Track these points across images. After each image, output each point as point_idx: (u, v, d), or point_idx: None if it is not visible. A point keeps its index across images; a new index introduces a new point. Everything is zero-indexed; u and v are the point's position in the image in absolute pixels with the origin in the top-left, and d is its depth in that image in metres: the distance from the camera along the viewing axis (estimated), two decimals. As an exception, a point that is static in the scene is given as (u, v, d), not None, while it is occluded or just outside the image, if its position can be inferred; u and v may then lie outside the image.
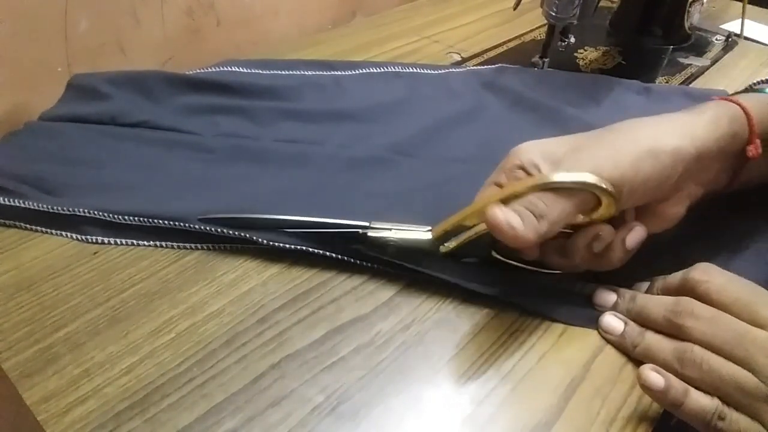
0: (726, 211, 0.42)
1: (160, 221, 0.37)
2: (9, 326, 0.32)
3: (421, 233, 0.35)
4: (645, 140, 0.32)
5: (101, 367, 0.30)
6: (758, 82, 0.41)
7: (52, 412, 0.28)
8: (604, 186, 0.30)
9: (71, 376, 0.30)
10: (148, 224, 0.38)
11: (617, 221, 0.34)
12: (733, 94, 0.39)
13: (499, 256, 0.36)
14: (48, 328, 0.32)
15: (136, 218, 0.38)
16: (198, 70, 0.54)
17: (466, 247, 0.35)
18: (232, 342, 0.32)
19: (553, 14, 0.56)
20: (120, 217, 0.38)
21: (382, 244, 0.36)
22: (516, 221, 0.29)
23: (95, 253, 0.37)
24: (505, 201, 0.31)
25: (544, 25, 0.59)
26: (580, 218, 0.33)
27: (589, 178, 0.30)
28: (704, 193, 0.37)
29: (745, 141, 0.35)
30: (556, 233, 0.31)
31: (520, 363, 0.32)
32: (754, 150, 0.35)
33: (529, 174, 0.33)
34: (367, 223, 0.36)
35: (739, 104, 0.36)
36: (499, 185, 0.34)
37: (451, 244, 0.35)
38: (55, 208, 0.38)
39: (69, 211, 0.38)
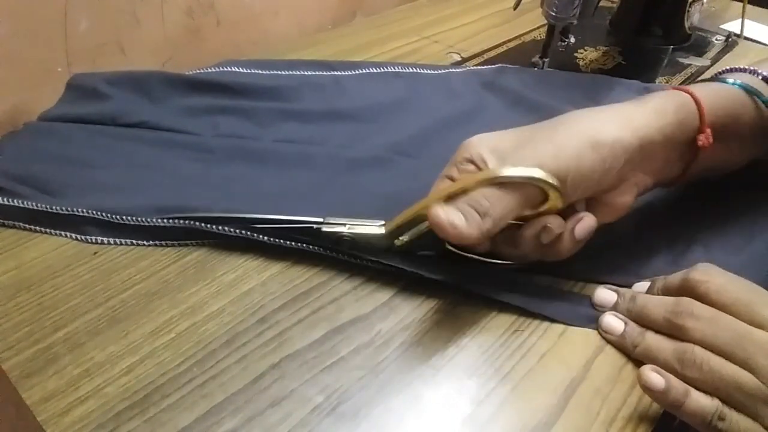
0: (724, 209, 0.42)
1: (159, 220, 0.37)
2: (9, 326, 0.32)
3: (374, 228, 0.35)
4: (585, 133, 0.33)
5: (101, 367, 0.30)
6: (723, 71, 0.40)
7: (52, 412, 0.28)
8: (548, 180, 0.31)
9: (71, 376, 0.30)
10: (147, 224, 0.38)
11: (567, 212, 0.34)
12: (695, 82, 0.39)
13: (452, 248, 0.36)
14: (48, 328, 0.32)
15: (134, 218, 0.38)
16: (198, 71, 0.54)
17: (420, 240, 0.35)
18: (232, 342, 0.32)
19: (553, 14, 0.56)
20: (118, 217, 0.38)
21: (336, 240, 0.36)
22: (458, 220, 0.30)
23: (95, 253, 0.37)
24: (454, 196, 0.31)
25: (544, 25, 0.59)
26: (528, 212, 0.34)
27: (535, 172, 0.31)
28: (655, 183, 0.37)
29: (696, 130, 0.35)
30: (502, 227, 0.31)
31: (520, 363, 0.32)
32: (704, 139, 0.35)
33: (478, 167, 0.33)
34: (321, 219, 0.36)
35: (689, 93, 0.36)
36: (451, 179, 0.34)
37: (405, 238, 0.35)
38: (54, 208, 0.38)
39: (68, 210, 0.38)
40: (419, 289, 0.36)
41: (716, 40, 0.71)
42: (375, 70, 0.58)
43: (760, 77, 0.38)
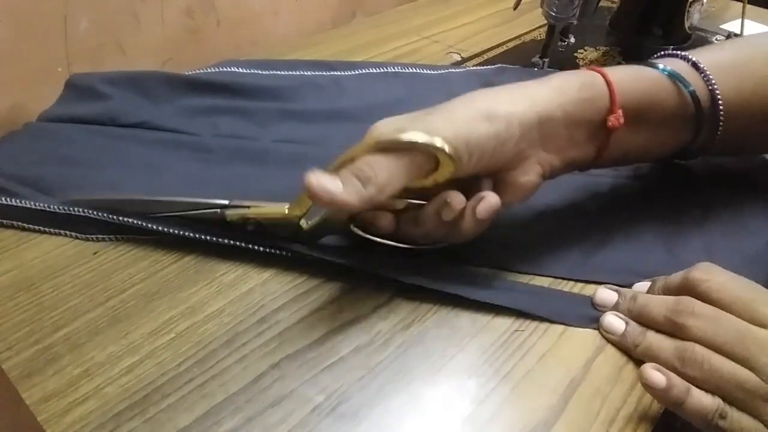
0: (724, 209, 0.42)
1: (156, 227, 0.37)
2: (9, 326, 0.32)
3: (277, 208, 0.35)
4: (480, 105, 0.32)
5: (101, 367, 0.30)
6: (657, 56, 0.39)
7: (52, 412, 0.28)
8: (432, 142, 0.30)
9: (71, 376, 0.30)
10: (145, 228, 0.38)
11: (472, 192, 0.34)
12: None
13: (357, 231, 0.35)
14: (48, 328, 0.32)
15: (132, 221, 0.38)
16: (197, 71, 0.54)
17: (327, 222, 0.35)
18: (232, 342, 0.32)
19: (553, 14, 0.56)
20: (116, 218, 0.38)
21: (241, 221, 0.36)
22: (333, 186, 0.29)
23: (95, 253, 0.37)
24: (341, 167, 0.31)
25: (544, 25, 0.59)
26: (422, 183, 0.33)
27: (417, 136, 0.30)
28: (564, 164, 0.36)
29: (607, 110, 0.35)
30: (390, 196, 0.31)
31: (520, 363, 0.32)
32: (614, 120, 0.34)
33: None
34: (226, 202, 0.36)
35: (601, 73, 0.35)
36: None
37: (312, 221, 0.35)
38: (52, 207, 0.38)
39: (66, 210, 0.38)
40: (419, 289, 0.36)
41: (716, 40, 0.71)
42: (375, 70, 0.58)
43: (689, 63, 0.37)
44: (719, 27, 0.74)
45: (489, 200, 0.33)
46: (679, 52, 0.38)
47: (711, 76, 0.37)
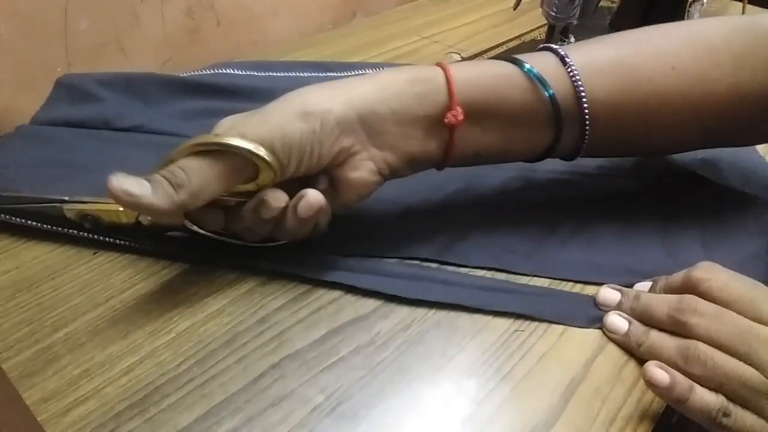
0: (723, 208, 0.42)
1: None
2: (9, 326, 0.32)
3: (113, 204, 0.35)
4: (295, 104, 0.32)
5: (101, 367, 0.30)
6: (540, 48, 0.37)
7: (52, 412, 0.28)
8: (249, 147, 0.30)
9: (71, 376, 0.30)
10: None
11: (308, 188, 0.33)
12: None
13: (191, 225, 0.34)
14: (48, 328, 0.32)
15: (126, 241, 0.37)
16: (192, 72, 0.54)
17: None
18: (232, 342, 0.32)
19: (553, 14, 0.56)
20: (111, 239, 0.37)
21: (79, 217, 0.36)
22: (136, 189, 0.29)
23: (95, 253, 0.37)
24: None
25: (544, 25, 0.59)
26: (242, 187, 0.33)
27: (234, 140, 0.30)
28: (404, 161, 0.34)
29: (445, 107, 0.33)
30: (205, 201, 0.31)
31: (520, 363, 0.32)
32: (451, 116, 0.33)
33: None
34: (66, 197, 0.36)
35: (442, 67, 0.34)
36: None
37: (150, 217, 0.34)
38: (44, 226, 0.37)
39: (55, 229, 0.37)
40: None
41: (716, 39, 0.71)
42: (371, 72, 0.58)
43: (559, 58, 0.35)
44: (719, 27, 0.74)
45: (309, 199, 0.32)
46: (553, 45, 0.36)
47: (578, 76, 0.34)
